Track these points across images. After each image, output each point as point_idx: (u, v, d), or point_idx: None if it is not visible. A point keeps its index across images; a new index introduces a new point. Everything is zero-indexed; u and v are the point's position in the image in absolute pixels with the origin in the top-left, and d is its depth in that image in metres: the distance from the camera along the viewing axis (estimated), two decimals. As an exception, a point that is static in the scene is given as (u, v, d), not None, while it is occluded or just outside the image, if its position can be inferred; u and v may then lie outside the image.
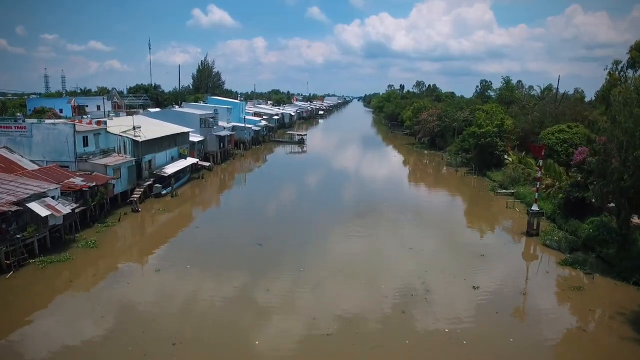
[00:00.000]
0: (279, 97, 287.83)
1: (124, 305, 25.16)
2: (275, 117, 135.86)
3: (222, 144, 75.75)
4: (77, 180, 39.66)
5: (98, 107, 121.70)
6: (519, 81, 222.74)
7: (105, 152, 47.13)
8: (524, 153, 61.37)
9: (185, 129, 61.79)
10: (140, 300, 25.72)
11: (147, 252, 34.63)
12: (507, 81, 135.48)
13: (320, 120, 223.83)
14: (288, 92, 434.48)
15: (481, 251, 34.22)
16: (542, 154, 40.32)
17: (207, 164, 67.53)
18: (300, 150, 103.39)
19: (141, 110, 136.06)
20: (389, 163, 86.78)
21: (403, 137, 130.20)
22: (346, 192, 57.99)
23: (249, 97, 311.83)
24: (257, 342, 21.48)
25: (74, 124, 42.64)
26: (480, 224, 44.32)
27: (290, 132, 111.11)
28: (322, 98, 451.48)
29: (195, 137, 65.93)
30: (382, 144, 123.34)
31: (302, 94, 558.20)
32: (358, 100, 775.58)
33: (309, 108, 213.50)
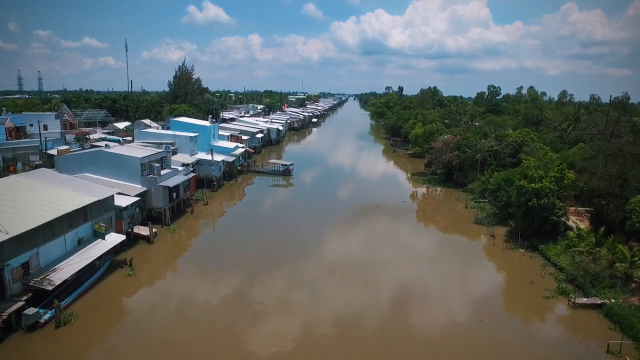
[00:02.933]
0: (271, 102, 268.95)
1: None
2: (259, 135, 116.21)
3: (174, 194, 56.24)
4: None
5: (45, 127, 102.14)
6: (531, 87, 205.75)
7: None
8: (603, 229, 42.08)
9: (104, 194, 42.07)
10: None
11: None
12: (533, 97, 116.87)
13: (314, 129, 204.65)
14: (281, 94, 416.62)
15: None
16: None
17: (146, 231, 47.97)
18: (285, 182, 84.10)
19: (100, 129, 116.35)
20: (392, 207, 67.40)
21: (408, 160, 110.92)
22: (340, 270, 38.92)
23: (240, 99, 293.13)
24: None
25: None
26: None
27: (273, 160, 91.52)
28: (317, 98, 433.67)
29: (124, 199, 46.24)
30: (383, 169, 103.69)
31: (297, 93, 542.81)
32: (354, 99, 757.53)
33: (300, 116, 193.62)
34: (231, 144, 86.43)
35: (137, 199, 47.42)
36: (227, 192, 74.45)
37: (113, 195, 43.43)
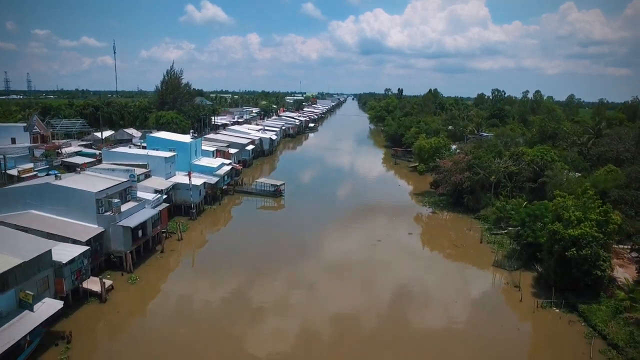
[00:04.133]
0: (267, 105, 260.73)
1: None
2: (250, 147, 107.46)
3: (140, 232, 47.52)
4: None
5: (13, 140, 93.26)
6: (537, 91, 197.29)
7: None
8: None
9: (37, 251, 33.19)
10: None
11: None
12: (549, 108, 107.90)
13: (311, 135, 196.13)
14: (278, 95, 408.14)
15: None
16: None
17: (97, 286, 39.18)
18: (275, 204, 75.55)
19: (77, 142, 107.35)
20: (397, 242, 58.98)
21: (411, 174, 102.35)
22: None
23: (236, 102, 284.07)
24: None
25: None
26: None
27: (262, 180, 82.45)
28: (314, 99, 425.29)
29: (68, 250, 37.38)
30: (384, 187, 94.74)
31: (295, 93, 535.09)
32: (352, 98, 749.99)
33: (296, 122, 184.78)
34: (215, 162, 77.60)
35: (85, 249, 38.54)
36: (208, 219, 65.67)
37: (50, 250, 34.65)
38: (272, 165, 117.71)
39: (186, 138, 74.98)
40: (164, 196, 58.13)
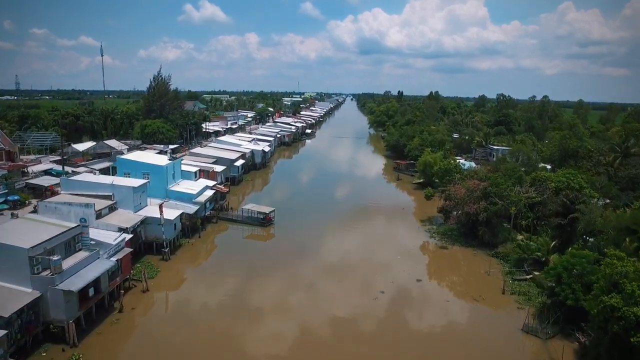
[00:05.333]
0: (263, 109, 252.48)
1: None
2: (240, 162, 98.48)
3: (91, 290, 38.64)
4: None
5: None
6: (545, 96, 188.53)
7: None
8: None
9: None
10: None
11: None
12: (571, 123, 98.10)
13: (308, 141, 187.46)
14: (275, 96, 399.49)
15: None
16: None
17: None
18: (264, 233, 66.84)
19: (50, 158, 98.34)
20: (403, 294, 50.23)
21: (415, 192, 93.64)
22: None
23: (231, 105, 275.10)
24: None
25: None
26: None
27: (249, 206, 72.87)
28: (313, 100, 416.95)
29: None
30: (386, 210, 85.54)
31: (293, 94, 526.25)
32: (351, 99, 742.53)
33: (292, 129, 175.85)
34: (197, 185, 68.65)
35: (38, 295, 29.57)
36: (184, 256, 56.68)
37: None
38: (265, 180, 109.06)
39: (162, 160, 65.94)
40: (130, 235, 49.26)
